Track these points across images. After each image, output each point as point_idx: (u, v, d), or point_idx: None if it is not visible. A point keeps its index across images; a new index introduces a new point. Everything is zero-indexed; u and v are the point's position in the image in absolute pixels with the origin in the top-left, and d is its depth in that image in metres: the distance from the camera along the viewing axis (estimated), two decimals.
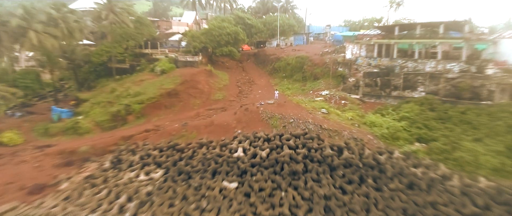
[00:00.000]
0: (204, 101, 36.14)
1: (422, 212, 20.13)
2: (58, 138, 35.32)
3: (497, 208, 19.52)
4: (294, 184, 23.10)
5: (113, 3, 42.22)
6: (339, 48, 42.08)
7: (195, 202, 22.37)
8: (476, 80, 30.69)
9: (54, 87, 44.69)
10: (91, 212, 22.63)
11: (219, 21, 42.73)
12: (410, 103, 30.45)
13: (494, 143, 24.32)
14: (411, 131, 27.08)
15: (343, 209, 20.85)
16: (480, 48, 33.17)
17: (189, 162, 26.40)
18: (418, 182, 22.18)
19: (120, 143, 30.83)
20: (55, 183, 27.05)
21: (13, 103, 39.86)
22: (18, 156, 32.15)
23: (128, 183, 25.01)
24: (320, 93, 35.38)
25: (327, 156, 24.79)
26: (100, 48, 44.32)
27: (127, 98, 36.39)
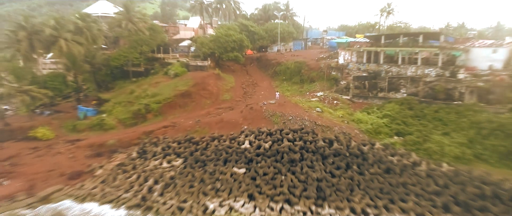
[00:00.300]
0: (213, 101, 41.15)
1: (395, 191, 25.14)
2: (86, 133, 40.27)
3: (453, 187, 24.53)
4: (292, 170, 28.07)
5: (132, 14, 47.18)
6: (333, 54, 47.09)
7: (210, 184, 27.37)
8: (450, 83, 35.66)
9: (76, 88, 49.60)
10: (125, 192, 27.65)
11: (225, 29, 47.73)
12: (392, 103, 35.47)
13: (458, 137, 29.31)
14: (391, 126, 32.06)
15: (332, 189, 25.81)
16: (457, 55, 38.10)
17: (203, 152, 31.38)
18: (394, 167, 27.19)
19: (142, 137, 35.82)
20: (90, 170, 32.09)
21: (41, 102, 44.80)
22: (53, 149, 37.17)
23: (154, 169, 30.01)
24: (315, 94, 40.41)
25: (320, 147, 29.78)
26: (118, 53, 49.30)
27: (146, 98, 41.34)
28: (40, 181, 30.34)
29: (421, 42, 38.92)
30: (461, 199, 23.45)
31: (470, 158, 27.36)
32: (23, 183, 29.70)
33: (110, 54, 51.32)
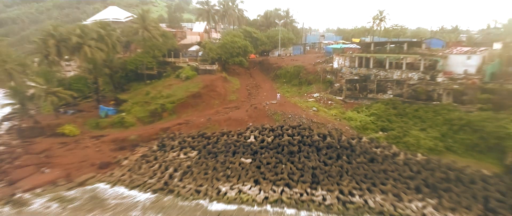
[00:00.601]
0: (221, 102, 46.24)
1: (376, 176, 30.19)
2: (108, 130, 45.30)
3: (425, 172, 29.60)
4: (291, 160, 33.12)
5: (147, 22, 52.30)
6: (329, 58, 52.06)
7: (222, 171, 32.43)
8: (430, 86, 40.71)
9: (95, 90, 54.66)
10: (150, 179, 32.72)
11: (231, 37, 52.84)
12: (378, 103, 40.51)
13: (433, 132, 34.37)
14: (377, 123, 37.11)
15: (324, 175, 30.85)
16: (438, 60, 43.07)
17: (215, 145, 36.47)
18: (377, 157, 32.25)
19: (160, 133, 40.90)
20: (116, 161, 37.17)
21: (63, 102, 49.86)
22: (80, 143, 42.27)
23: (173, 160, 35.09)
24: (312, 95, 45.46)
25: (315, 141, 34.84)
26: (133, 58, 54.41)
27: (161, 99, 46.42)
28: (74, 170, 35.44)
29: (405, 49, 43.94)
30: (430, 182, 28.50)
31: (441, 150, 32.40)
32: (61, 172, 34.80)
33: (125, 58, 56.40)
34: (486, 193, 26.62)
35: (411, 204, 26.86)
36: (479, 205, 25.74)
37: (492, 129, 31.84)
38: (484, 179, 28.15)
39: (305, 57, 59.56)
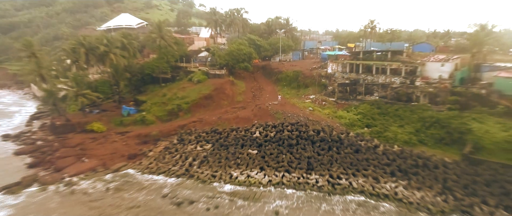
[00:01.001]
0: (230, 102, 53.11)
1: (360, 163, 37.00)
2: (131, 127, 52.14)
3: (399, 160, 36.44)
4: (290, 151, 39.92)
5: (164, 32, 59.22)
6: (324, 64, 58.87)
7: (233, 160, 39.25)
8: (409, 89, 47.58)
9: (117, 92, 61.48)
10: (173, 166, 39.52)
11: (237, 45, 59.68)
12: (365, 104, 47.37)
13: (409, 128, 41.24)
14: (363, 121, 43.98)
15: (318, 163, 37.66)
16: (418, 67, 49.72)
17: (226, 139, 43.32)
18: (361, 148, 39.10)
19: (178, 129, 47.73)
20: (142, 153, 43.96)
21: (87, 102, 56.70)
22: (108, 138, 49.10)
23: (191, 151, 41.93)
24: (308, 97, 52.32)
25: (310, 135, 41.70)
26: (150, 63, 61.32)
27: (177, 100, 53.31)
28: (108, 160, 42.26)
29: (389, 57, 50.81)
30: (403, 168, 35.36)
31: (415, 143, 39.27)
32: (98, 161, 41.65)
33: (142, 63, 63.28)
34: (445, 176, 33.47)
35: (386, 185, 33.68)
36: (439, 185, 32.58)
37: (456, 126, 38.73)
38: (445, 165, 35.02)
39: (303, 62, 66.46)
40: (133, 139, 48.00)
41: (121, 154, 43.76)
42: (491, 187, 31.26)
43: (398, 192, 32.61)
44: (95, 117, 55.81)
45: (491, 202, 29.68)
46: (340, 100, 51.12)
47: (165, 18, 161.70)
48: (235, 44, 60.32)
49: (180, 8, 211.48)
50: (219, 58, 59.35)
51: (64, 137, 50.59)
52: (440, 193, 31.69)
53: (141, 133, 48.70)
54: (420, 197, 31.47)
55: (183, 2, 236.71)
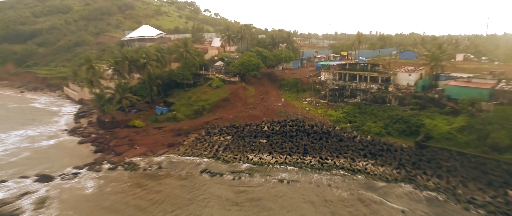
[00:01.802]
0: (243, 104, 67.13)
1: (342, 149, 50.95)
2: (165, 123, 66.10)
3: (370, 146, 50.46)
4: (291, 140, 53.94)
5: (189, 46, 73.32)
6: (318, 73, 72.72)
7: (248, 147, 53.25)
8: (384, 93, 61.56)
9: (150, 95, 75.31)
10: (204, 151, 53.51)
11: (248, 57, 73.70)
12: (349, 105, 61.38)
13: (380, 123, 55.22)
14: (346, 118, 57.97)
15: (311, 148, 51.65)
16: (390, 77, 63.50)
17: (242, 132, 57.35)
18: (343, 138, 53.12)
19: (204, 125, 61.70)
20: (178, 142, 57.90)
21: (129, 104, 70.63)
22: (148, 132, 63.06)
23: (216, 141, 55.92)
24: (305, 100, 66.34)
25: (306, 129, 55.73)
26: (177, 71, 75.32)
27: (200, 102, 67.34)
28: (153, 147, 56.24)
29: (369, 69, 64.76)
30: (372, 151, 49.33)
31: (383, 134, 53.24)
32: (146, 148, 55.65)
33: (169, 71, 77.27)
34: (401, 156, 47.46)
35: (359, 163, 47.63)
36: (396, 162, 46.54)
37: (414, 121, 52.70)
38: (402, 149, 49.03)
39: (302, 70, 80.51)
40: (169, 132, 62.01)
41: (162, 143, 57.81)
42: (431, 163, 45.25)
43: (367, 168, 46.58)
44: (133, 115, 69.83)
45: (429, 172, 43.68)
46: (330, 102, 65.14)
47: (176, 26, 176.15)
48: (246, 56, 74.40)
49: (187, 15, 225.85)
50: (233, 68, 73.45)
51: (112, 131, 64.67)
52: (396, 168, 45.68)
53: (174, 128, 62.75)
54: (382, 171, 45.46)
55: (190, 8, 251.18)
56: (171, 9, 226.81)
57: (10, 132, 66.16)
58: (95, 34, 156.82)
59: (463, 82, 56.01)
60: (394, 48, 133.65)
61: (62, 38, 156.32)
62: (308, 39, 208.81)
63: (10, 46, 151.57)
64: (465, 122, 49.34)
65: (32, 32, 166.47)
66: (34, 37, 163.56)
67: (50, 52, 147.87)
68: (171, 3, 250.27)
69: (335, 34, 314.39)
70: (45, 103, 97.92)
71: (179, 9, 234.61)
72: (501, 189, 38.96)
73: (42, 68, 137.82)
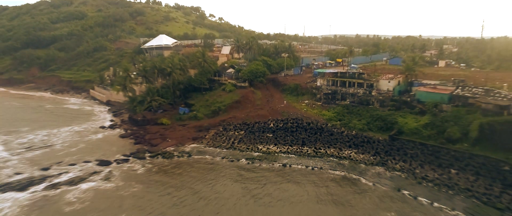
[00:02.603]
0: (252, 105, 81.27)
1: (332, 141, 65.11)
2: (187, 121, 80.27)
3: (354, 139, 64.63)
4: (292, 134, 68.20)
5: (206, 57, 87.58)
6: (314, 79, 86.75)
7: (258, 140, 67.50)
8: (368, 97, 75.69)
9: (173, 97, 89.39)
10: (222, 143, 67.71)
11: (255, 65, 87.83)
12: (339, 107, 75.53)
13: (364, 121, 69.27)
14: (337, 117, 72.11)
15: (308, 141, 65.89)
16: (373, 83, 77.56)
17: (252, 128, 71.60)
18: (334, 133, 67.32)
19: (220, 122, 75.81)
20: (201, 137, 72.09)
21: (156, 105, 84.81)
22: (174, 129, 77.24)
23: (232, 135, 70.15)
24: (304, 102, 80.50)
25: (304, 125, 69.95)
26: (195, 77, 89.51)
27: (217, 103, 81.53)
28: (180, 140, 70.38)
29: (356, 77, 78.86)
30: (355, 143, 63.50)
31: (365, 129, 67.34)
32: (176, 141, 69.81)
33: (189, 78, 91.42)
34: (377, 146, 61.58)
35: (345, 152, 61.73)
36: (373, 151, 60.68)
37: (390, 120, 66.76)
38: (379, 141, 63.15)
39: (301, 77, 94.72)
40: (192, 128, 76.18)
41: (187, 137, 71.99)
42: (399, 151, 59.39)
43: (351, 155, 60.71)
44: (160, 115, 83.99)
45: (397, 158, 57.82)
46: (324, 104, 79.23)
47: (185, 32, 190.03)
48: (254, 64, 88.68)
49: (194, 20, 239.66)
50: (243, 74, 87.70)
51: (144, 127, 78.86)
52: (373, 155, 59.79)
53: (196, 125, 76.96)
54: (362, 157, 59.59)
55: (196, 13, 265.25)
56: (179, 14, 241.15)
57: (59, 128, 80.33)
58: (111, 40, 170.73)
59: (430, 88, 70.16)
60: (386, 54, 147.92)
61: (81, 44, 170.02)
62: (308, 44, 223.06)
63: (33, 51, 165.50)
64: (429, 120, 63.44)
65: (52, 38, 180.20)
66: (54, 43, 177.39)
67: (71, 57, 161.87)
68: (178, 8, 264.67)
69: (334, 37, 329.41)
70: (76, 104, 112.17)
71: (186, 15, 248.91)
72: (447, 169, 53.10)
73: (65, 72, 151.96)
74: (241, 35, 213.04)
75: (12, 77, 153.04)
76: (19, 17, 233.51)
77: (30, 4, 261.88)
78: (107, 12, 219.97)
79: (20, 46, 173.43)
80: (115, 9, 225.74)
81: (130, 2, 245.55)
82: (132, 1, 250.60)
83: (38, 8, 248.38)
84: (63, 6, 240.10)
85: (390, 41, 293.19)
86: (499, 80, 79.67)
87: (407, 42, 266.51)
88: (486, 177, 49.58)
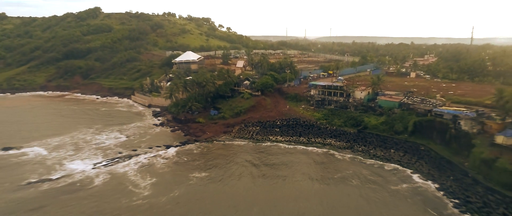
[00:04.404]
0: (264, 109, 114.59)
1: (319, 133, 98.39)
2: (217, 120, 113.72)
3: (334, 132, 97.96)
4: (292, 129, 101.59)
5: (230, 72, 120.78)
6: (309, 89, 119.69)
7: (269, 133, 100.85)
8: (346, 103, 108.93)
9: (206, 102, 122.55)
10: (245, 135, 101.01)
11: (265, 79, 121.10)
12: (326, 110, 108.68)
13: (342, 120, 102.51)
14: (324, 117, 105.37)
15: (303, 133, 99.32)
16: (350, 93, 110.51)
17: (265, 125, 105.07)
18: (321, 128, 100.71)
19: (242, 121, 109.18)
20: (229, 131, 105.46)
21: (195, 108, 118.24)
22: (209, 125, 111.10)
23: (251, 130, 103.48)
24: (301, 106, 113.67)
25: (301, 123, 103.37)
26: (221, 87, 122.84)
27: (238, 107, 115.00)
28: (215, 133, 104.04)
29: (338, 88, 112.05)
30: (335, 134, 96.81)
31: (342, 126, 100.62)
32: (212, 134, 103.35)
33: (217, 87, 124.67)
34: (349, 137, 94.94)
35: (327, 140, 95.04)
36: (346, 139, 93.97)
37: (360, 119, 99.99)
38: (350, 133, 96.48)
39: (300, 87, 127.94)
40: (221, 125, 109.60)
41: (219, 131, 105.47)
42: (362, 140, 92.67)
43: (331, 143, 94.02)
44: (196, 115, 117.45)
45: (360, 144, 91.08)
46: (315, 108, 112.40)
47: (200, 45, 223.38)
48: (264, 78, 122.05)
49: (206, 32, 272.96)
50: (256, 85, 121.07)
51: (186, 125, 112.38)
52: (346, 142, 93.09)
53: (224, 123, 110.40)
54: (338, 144, 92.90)
55: (206, 23, 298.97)
56: (192, 26, 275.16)
57: (126, 125, 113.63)
58: (139, 52, 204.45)
59: (388, 97, 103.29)
60: (371, 65, 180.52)
61: (114, 55, 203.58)
62: (307, 53, 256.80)
63: (75, 62, 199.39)
64: (384, 119, 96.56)
65: (87, 49, 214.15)
66: (89, 54, 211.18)
67: (107, 67, 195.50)
68: (190, 19, 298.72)
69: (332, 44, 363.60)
70: (124, 107, 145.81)
71: (199, 26, 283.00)
72: (390, 150, 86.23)
73: (104, 80, 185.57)
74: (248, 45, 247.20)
75: (60, 84, 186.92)
76: (51, 29, 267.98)
77: (58, 16, 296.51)
78: (130, 25, 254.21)
79: (61, 57, 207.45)
80: (136, 22, 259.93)
81: (149, 15, 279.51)
82: (150, 14, 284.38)
83: (66, 20, 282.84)
84: (89, 19, 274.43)
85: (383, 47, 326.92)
86: (445, 89, 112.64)
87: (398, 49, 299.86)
88: (410, 154, 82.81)
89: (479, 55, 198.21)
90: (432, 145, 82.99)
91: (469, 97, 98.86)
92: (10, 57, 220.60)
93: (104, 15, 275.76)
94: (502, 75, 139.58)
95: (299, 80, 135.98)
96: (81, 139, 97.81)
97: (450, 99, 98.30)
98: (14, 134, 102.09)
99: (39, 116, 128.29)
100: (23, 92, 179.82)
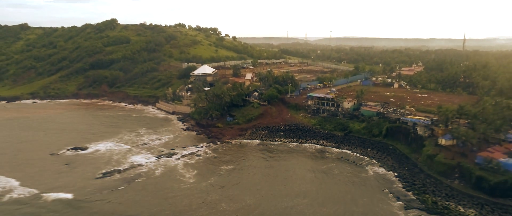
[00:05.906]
0: (270, 116, 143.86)
1: (314, 135, 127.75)
2: (233, 125, 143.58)
3: (326, 135, 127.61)
4: (293, 133, 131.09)
5: (242, 87, 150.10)
6: (307, 100, 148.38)
7: (275, 136, 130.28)
8: (336, 112, 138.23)
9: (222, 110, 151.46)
10: (256, 137, 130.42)
11: (271, 91, 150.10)
12: (319, 117, 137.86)
13: (332, 125, 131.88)
14: (318, 123, 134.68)
15: (302, 136, 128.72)
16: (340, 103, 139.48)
17: (271, 129, 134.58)
18: (316, 131, 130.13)
19: (253, 126, 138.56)
20: (243, 134, 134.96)
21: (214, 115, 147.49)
22: (227, 129, 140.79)
23: (260, 133, 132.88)
24: (300, 114, 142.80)
25: (300, 128, 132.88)
26: (235, 98, 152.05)
27: (249, 115, 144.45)
28: (232, 136, 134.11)
29: (330, 99, 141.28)
30: (327, 137, 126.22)
31: (332, 130, 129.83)
32: (229, 137, 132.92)
33: (232, 97, 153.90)
34: (337, 139, 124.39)
35: (321, 141, 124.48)
36: (335, 141, 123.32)
37: (346, 125, 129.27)
38: (338, 136, 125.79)
39: (299, 98, 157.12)
40: (237, 129, 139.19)
41: (235, 134, 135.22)
42: (348, 141, 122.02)
43: (323, 143, 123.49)
44: (215, 121, 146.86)
45: (346, 144, 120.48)
46: (312, 115, 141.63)
47: (211, 56, 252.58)
48: (270, 91, 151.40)
49: (215, 42, 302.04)
50: (263, 96, 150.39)
51: (208, 129, 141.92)
52: (335, 143, 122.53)
53: (239, 127, 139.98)
54: (329, 144, 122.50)
55: (214, 33, 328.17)
56: (202, 37, 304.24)
57: (156, 129, 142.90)
58: (158, 63, 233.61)
59: (368, 108, 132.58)
60: (362, 75, 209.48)
61: (135, 66, 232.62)
62: (307, 61, 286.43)
63: (101, 72, 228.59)
64: (365, 125, 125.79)
65: (110, 60, 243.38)
66: (112, 64, 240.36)
67: (129, 77, 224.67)
68: (199, 30, 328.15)
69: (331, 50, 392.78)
70: (151, 113, 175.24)
71: (207, 36, 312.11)
72: (367, 149, 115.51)
73: (129, 88, 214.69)
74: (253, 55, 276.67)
75: (90, 92, 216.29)
76: (73, 39, 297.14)
77: (77, 27, 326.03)
78: (145, 36, 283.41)
79: (88, 67, 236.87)
80: (151, 33, 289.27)
81: (162, 27, 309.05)
82: (163, 26, 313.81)
83: (85, 30, 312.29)
84: (107, 30, 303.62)
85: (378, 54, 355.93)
86: (418, 100, 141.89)
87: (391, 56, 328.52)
88: (381, 152, 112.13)
89: (458, 66, 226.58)
90: (398, 145, 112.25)
91: (435, 107, 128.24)
92: (41, 66, 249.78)
93: (121, 27, 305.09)
94: (471, 86, 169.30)
95: (299, 91, 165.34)
96: (129, 140, 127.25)
97: (418, 109, 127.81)
98: (75, 136, 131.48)
99: (85, 121, 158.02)
100: (58, 99, 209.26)
